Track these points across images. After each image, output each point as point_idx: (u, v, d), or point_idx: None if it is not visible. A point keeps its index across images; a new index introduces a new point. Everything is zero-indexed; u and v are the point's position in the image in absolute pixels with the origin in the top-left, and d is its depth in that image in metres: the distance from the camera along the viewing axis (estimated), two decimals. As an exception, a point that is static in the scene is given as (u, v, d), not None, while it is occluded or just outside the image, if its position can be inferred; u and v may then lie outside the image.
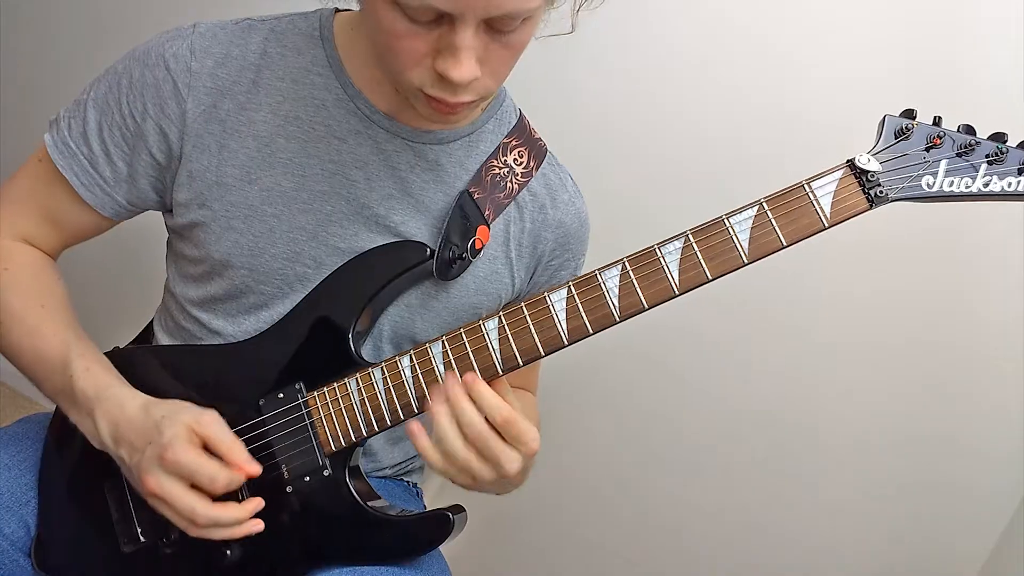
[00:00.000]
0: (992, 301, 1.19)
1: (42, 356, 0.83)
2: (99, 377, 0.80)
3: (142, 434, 0.75)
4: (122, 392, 0.80)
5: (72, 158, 0.84)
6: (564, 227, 0.93)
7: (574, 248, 0.96)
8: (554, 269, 0.95)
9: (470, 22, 0.66)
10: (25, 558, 0.85)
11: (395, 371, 0.79)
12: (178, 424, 0.74)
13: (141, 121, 0.81)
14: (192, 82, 0.81)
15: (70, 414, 0.82)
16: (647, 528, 1.50)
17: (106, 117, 0.83)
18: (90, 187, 0.85)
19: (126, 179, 0.85)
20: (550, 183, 0.93)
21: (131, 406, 0.78)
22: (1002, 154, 0.70)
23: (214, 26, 0.83)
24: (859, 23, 1.18)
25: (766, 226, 0.72)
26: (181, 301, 0.90)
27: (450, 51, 0.68)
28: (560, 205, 0.93)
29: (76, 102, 0.85)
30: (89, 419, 0.79)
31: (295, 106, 0.82)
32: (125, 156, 0.83)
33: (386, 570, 0.80)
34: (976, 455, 1.25)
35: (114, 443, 0.77)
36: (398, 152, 0.85)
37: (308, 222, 0.83)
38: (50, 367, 0.82)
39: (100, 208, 0.86)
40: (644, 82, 1.30)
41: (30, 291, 0.86)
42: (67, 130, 0.84)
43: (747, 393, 1.36)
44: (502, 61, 0.72)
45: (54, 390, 0.83)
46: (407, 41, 0.69)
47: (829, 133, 1.15)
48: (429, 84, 0.72)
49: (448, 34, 0.67)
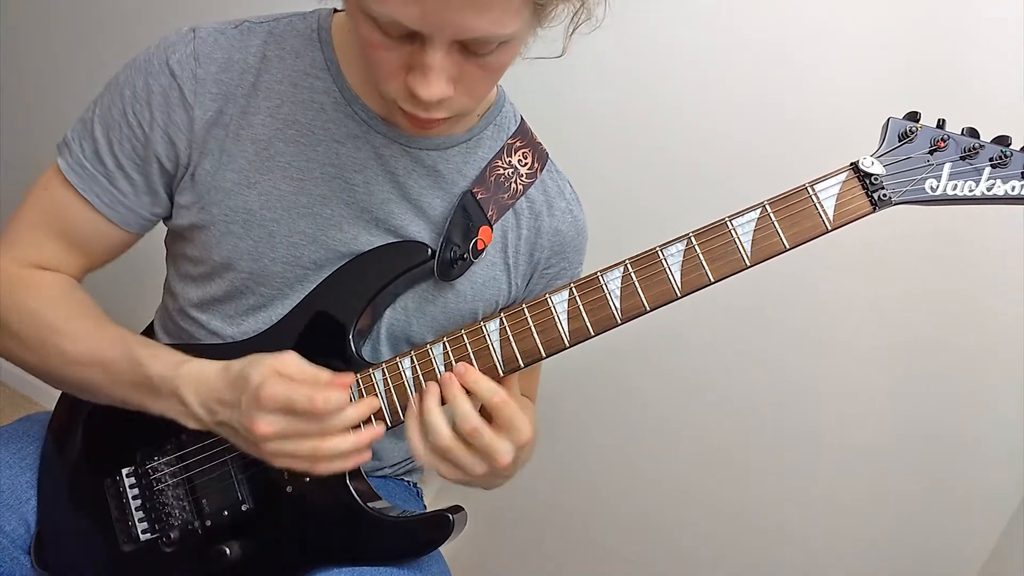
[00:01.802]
0: (993, 303, 1.19)
1: (103, 358, 0.80)
2: (168, 357, 0.79)
3: (231, 388, 0.75)
4: (196, 363, 0.78)
5: (91, 179, 0.82)
6: (560, 235, 0.93)
7: (571, 257, 0.95)
8: (550, 277, 0.95)
9: (439, 43, 0.65)
10: (24, 556, 0.85)
11: (396, 372, 0.79)
12: (263, 366, 0.73)
13: (149, 130, 0.80)
14: (198, 89, 0.80)
15: (155, 404, 0.79)
16: (647, 528, 1.50)
17: (114, 132, 0.81)
18: (112, 205, 0.83)
19: (145, 191, 0.83)
20: (548, 190, 0.92)
21: (210, 371, 0.77)
22: (1006, 157, 0.70)
23: (214, 31, 0.82)
24: (864, 25, 1.17)
25: (769, 228, 0.72)
26: (180, 302, 0.90)
27: (420, 69, 0.67)
28: (557, 213, 0.92)
29: (82, 121, 0.84)
30: (175, 398, 0.77)
31: (293, 109, 0.82)
32: (138, 167, 0.82)
33: (386, 571, 0.80)
34: (976, 455, 1.25)
35: (208, 412, 0.76)
36: (395, 157, 0.84)
37: (308, 226, 0.83)
38: (115, 365, 0.80)
39: (126, 225, 0.85)
40: (646, 84, 1.30)
41: (69, 306, 0.84)
42: (80, 152, 0.82)
43: (747, 394, 1.36)
44: (478, 81, 0.71)
45: (125, 387, 0.80)
46: (383, 53, 0.68)
47: (833, 135, 1.15)
48: (401, 98, 0.71)
49: (419, 52, 0.66)
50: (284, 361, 0.75)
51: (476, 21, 0.63)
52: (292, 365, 0.75)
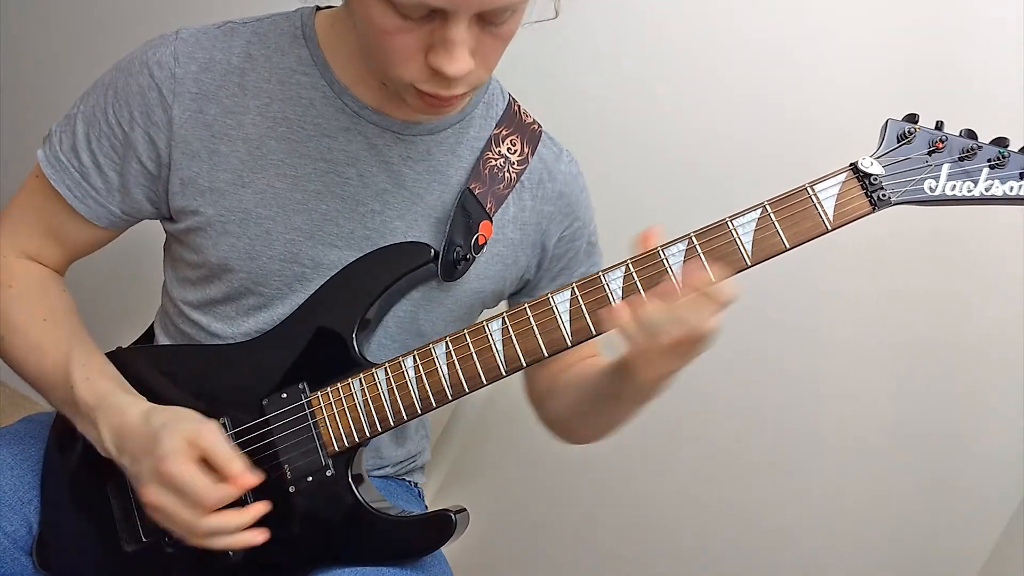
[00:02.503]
0: (993, 303, 1.19)
1: (45, 370, 0.84)
2: (99, 385, 0.80)
3: (141, 444, 0.75)
4: (123, 399, 0.79)
5: (64, 172, 0.84)
6: (565, 196, 0.94)
7: (581, 215, 0.96)
8: (568, 240, 0.95)
9: (463, 17, 0.66)
10: (26, 557, 0.85)
11: (398, 371, 0.80)
12: (176, 436, 0.73)
13: (129, 130, 0.82)
14: (177, 88, 0.81)
15: (77, 424, 0.82)
16: (649, 528, 1.50)
17: (94, 129, 0.83)
18: (83, 199, 0.85)
19: (119, 189, 0.85)
20: (544, 158, 0.93)
21: (132, 413, 0.77)
22: (1004, 158, 0.70)
23: (197, 31, 0.83)
24: (864, 26, 1.17)
25: (769, 228, 0.72)
26: (179, 305, 0.90)
27: (444, 46, 0.68)
28: (557, 176, 0.93)
29: (67, 116, 0.85)
30: (93, 428, 0.79)
31: (283, 107, 0.83)
32: (115, 166, 0.83)
33: (388, 571, 0.80)
34: (976, 455, 1.25)
35: (117, 451, 0.78)
36: (389, 146, 0.85)
37: (304, 222, 0.83)
38: (53, 380, 0.83)
39: (95, 219, 0.86)
40: (647, 84, 1.30)
41: (34, 306, 0.86)
42: (58, 145, 0.84)
43: (748, 394, 1.36)
44: (493, 51, 0.73)
45: (59, 402, 0.84)
46: (398, 37, 0.69)
47: (832, 136, 1.15)
48: (422, 79, 0.72)
49: (440, 29, 0.67)
50: (202, 433, 0.74)
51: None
52: (207, 440, 0.74)
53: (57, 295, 0.89)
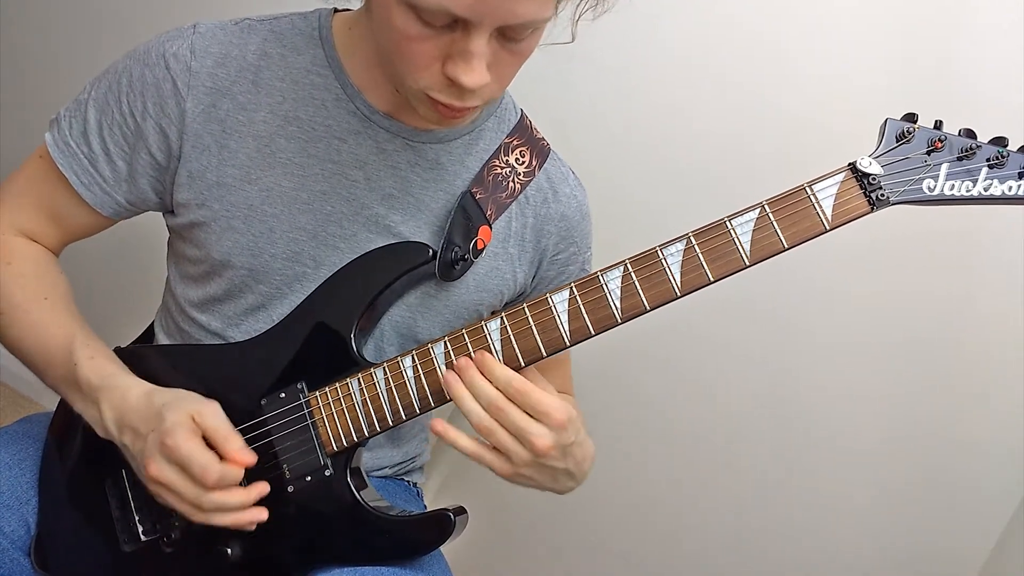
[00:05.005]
0: (992, 302, 1.19)
1: (46, 346, 0.84)
2: (103, 366, 0.81)
3: (145, 420, 0.76)
4: (126, 380, 0.80)
5: (72, 157, 0.84)
6: (566, 220, 0.93)
7: (579, 241, 0.96)
8: (561, 264, 0.95)
9: (485, 29, 0.66)
10: (25, 557, 0.85)
11: (397, 371, 0.80)
12: (180, 412, 0.75)
13: (141, 120, 0.82)
14: (192, 81, 0.81)
15: (74, 403, 0.82)
16: (649, 528, 1.50)
17: (106, 116, 0.83)
18: (89, 186, 0.85)
19: (126, 178, 0.85)
20: (552, 178, 0.93)
21: (135, 393, 0.78)
22: (1002, 158, 0.70)
23: (214, 26, 0.83)
24: (862, 25, 1.18)
25: (768, 228, 0.72)
26: (181, 302, 0.91)
27: (462, 56, 0.68)
28: (562, 198, 0.93)
29: (76, 101, 0.85)
30: (93, 406, 0.79)
31: (295, 106, 0.83)
32: (125, 155, 0.84)
33: (387, 570, 0.80)
34: (976, 455, 1.25)
35: (118, 430, 0.78)
36: (398, 152, 0.85)
37: (308, 222, 0.83)
38: (54, 357, 0.83)
39: (99, 207, 0.86)
40: (646, 84, 1.30)
41: (33, 285, 0.87)
42: (68, 129, 0.84)
43: (748, 394, 1.36)
44: (509, 67, 0.73)
45: (57, 379, 0.84)
46: (418, 44, 0.69)
47: (831, 135, 1.15)
48: (436, 88, 0.72)
49: (461, 39, 0.67)
50: (203, 412, 0.75)
51: (524, 7, 0.65)
52: (209, 419, 0.75)
53: (56, 276, 0.89)
